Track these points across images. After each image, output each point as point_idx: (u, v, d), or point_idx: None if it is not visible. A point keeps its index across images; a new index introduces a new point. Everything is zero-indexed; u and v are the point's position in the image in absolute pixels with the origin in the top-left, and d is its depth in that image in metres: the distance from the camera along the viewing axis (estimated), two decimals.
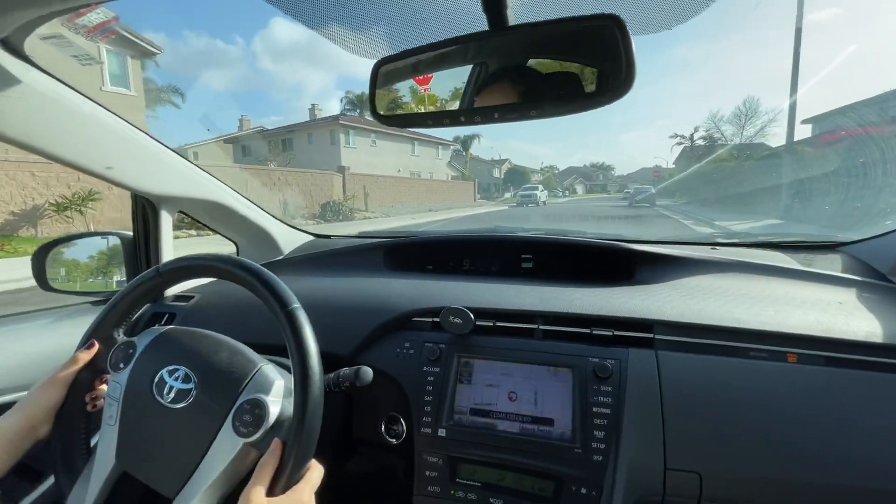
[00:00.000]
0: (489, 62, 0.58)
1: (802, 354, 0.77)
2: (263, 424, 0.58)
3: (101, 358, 0.69)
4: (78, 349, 0.70)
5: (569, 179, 63.11)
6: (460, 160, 43.43)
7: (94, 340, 0.70)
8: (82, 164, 0.87)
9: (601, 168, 72.42)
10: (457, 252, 1.30)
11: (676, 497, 0.73)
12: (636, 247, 1.12)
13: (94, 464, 0.64)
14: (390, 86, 0.65)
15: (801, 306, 0.87)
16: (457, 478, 0.79)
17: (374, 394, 0.90)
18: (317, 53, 76.63)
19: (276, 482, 0.54)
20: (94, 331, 0.71)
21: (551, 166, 66.74)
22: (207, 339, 0.69)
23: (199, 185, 1.18)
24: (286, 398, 0.63)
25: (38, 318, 1.05)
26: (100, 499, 0.63)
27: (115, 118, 0.91)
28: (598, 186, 65.97)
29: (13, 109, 0.74)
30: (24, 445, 0.63)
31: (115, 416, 0.65)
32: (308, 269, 1.32)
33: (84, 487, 0.63)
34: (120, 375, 0.67)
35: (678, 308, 0.86)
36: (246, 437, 0.58)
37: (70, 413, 0.67)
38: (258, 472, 0.54)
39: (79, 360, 0.68)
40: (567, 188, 57.20)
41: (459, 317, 0.85)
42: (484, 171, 46.71)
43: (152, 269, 0.71)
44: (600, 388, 0.77)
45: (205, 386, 0.63)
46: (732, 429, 0.72)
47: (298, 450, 0.55)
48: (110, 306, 0.72)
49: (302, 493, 0.55)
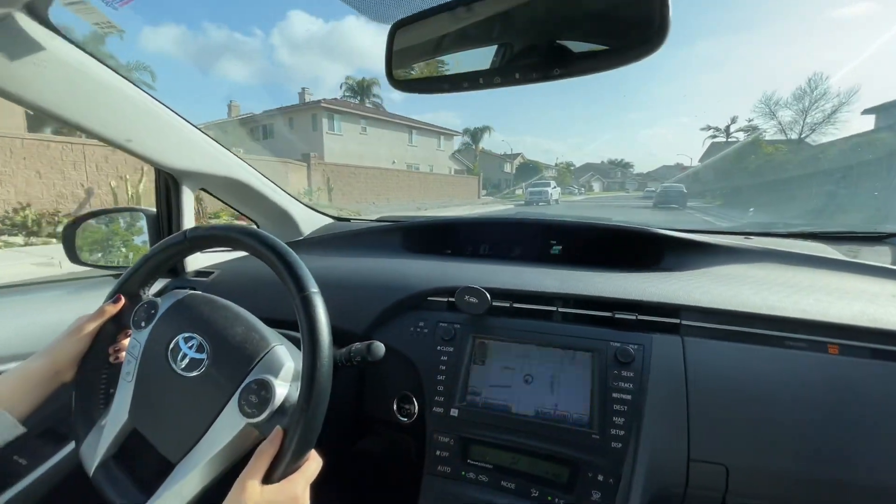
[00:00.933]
0: (509, 19, 0.54)
1: (845, 346, 0.71)
2: (268, 407, 0.57)
3: (125, 313, 0.71)
4: (105, 303, 0.71)
5: (585, 176, 61.04)
6: (469, 153, 41.92)
7: (121, 295, 0.71)
8: (105, 135, 0.89)
9: (619, 165, 69.79)
10: (476, 235, 1.28)
11: (700, 490, 0.69)
12: (664, 231, 1.07)
13: (109, 416, 0.66)
14: (407, 50, 0.63)
15: (844, 296, 0.81)
16: (468, 459, 0.77)
17: (386, 372, 0.89)
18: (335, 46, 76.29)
19: (272, 470, 0.53)
20: (122, 287, 0.72)
21: (567, 162, 64.28)
22: (226, 311, 0.69)
23: (221, 162, 1.19)
24: (294, 382, 0.62)
25: (61, 287, 1.08)
26: (111, 449, 0.64)
27: (138, 90, 0.92)
28: (615, 184, 63.87)
29: (37, 77, 0.75)
30: (49, 388, 0.65)
31: (132, 373, 0.66)
32: (326, 249, 1.32)
33: (97, 438, 0.65)
34: (140, 333, 0.68)
35: (708, 294, 0.81)
36: (249, 418, 0.57)
37: (92, 363, 0.69)
38: (256, 458, 0.53)
39: (105, 313, 0.70)
40: (583, 185, 55.31)
41: (475, 296, 0.83)
42: (495, 165, 44.70)
43: (180, 233, 0.71)
44: (621, 373, 0.73)
45: (217, 358, 0.63)
46: (765, 421, 0.67)
47: (298, 440, 0.54)
48: (139, 265, 0.73)
49: (296, 485, 0.54)
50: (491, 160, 44.57)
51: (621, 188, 61.61)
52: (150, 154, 1.01)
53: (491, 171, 42.37)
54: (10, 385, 0.62)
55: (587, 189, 55.04)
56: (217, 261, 1.28)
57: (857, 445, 0.65)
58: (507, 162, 46.60)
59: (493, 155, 45.60)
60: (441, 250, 1.28)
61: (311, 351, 0.56)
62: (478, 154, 42.65)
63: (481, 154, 43.43)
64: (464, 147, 42.38)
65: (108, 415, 0.66)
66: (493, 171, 43.44)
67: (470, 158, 40.87)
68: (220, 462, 0.59)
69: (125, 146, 0.94)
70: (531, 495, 0.72)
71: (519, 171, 46.74)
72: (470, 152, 41.89)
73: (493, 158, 45.16)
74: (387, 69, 0.64)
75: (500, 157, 46.10)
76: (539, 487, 0.72)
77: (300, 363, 0.63)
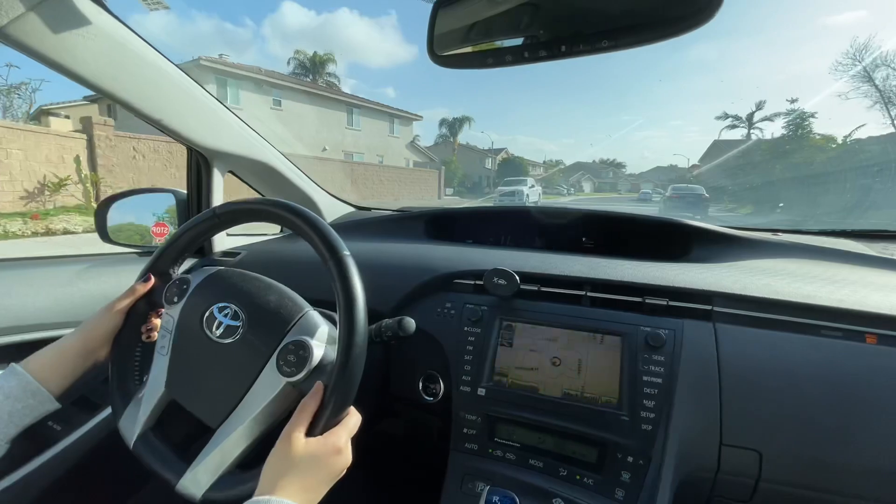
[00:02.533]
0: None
1: (883, 335, 0.69)
2: (307, 365, 0.58)
3: (156, 292, 0.72)
4: (136, 282, 0.73)
5: (575, 175, 58.03)
6: (446, 147, 37.86)
7: (151, 274, 0.73)
8: (143, 110, 0.91)
9: (612, 165, 67.03)
10: (500, 224, 1.28)
11: (732, 475, 0.68)
12: (693, 223, 1.06)
13: (146, 390, 0.67)
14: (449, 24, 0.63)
15: (881, 289, 0.80)
16: (495, 437, 0.78)
17: (412, 352, 0.89)
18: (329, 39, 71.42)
19: (315, 424, 0.55)
20: (153, 266, 0.74)
21: (557, 161, 61.78)
22: (258, 281, 0.71)
23: (251, 144, 1.20)
24: (329, 344, 0.63)
25: (84, 262, 1.10)
26: (150, 422, 0.66)
27: (176, 69, 0.94)
28: (607, 185, 61.72)
29: (84, 49, 0.77)
30: (84, 364, 0.67)
31: (167, 346, 0.67)
32: (351, 234, 1.33)
33: (135, 411, 0.66)
34: (173, 309, 0.69)
35: (740, 282, 0.80)
36: (289, 377, 0.59)
37: (126, 340, 0.71)
38: (299, 412, 0.55)
39: (136, 291, 0.71)
40: (573, 185, 52.65)
41: (504, 278, 0.83)
42: (475, 161, 40.27)
43: (209, 210, 0.72)
44: (652, 357, 0.73)
45: (252, 324, 0.64)
46: (800, 408, 0.66)
47: (339, 394, 0.55)
48: (169, 242, 0.74)
49: (339, 437, 0.55)
50: (471, 155, 40.81)
51: (613, 189, 60.14)
52: (184, 131, 1.03)
53: (471, 167, 38.66)
54: (45, 362, 0.64)
55: (577, 189, 52.75)
56: (243, 243, 1.30)
57: (894, 434, 0.63)
58: (489, 157, 42.46)
59: (472, 149, 41.99)
60: (464, 239, 1.28)
61: (347, 307, 0.57)
62: (455, 148, 38.95)
63: (460, 148, 39.79)
64: (441, 140, 38.90)
65: (146, 388, 0.67)
66: (474, 167, 39.61)
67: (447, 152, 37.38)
68: (261, 423, 0.60)
69: (161, 122, 0.96)
70: (559, 474, 0.72)
71: (502, 168, 42.70)
72: (447, 146, 38.30)
73: (472, 153, 41.39)
74: (428, 45, 0.64)
75: (480, 152, 42.10)
76: (567, 467, 0.72)
77: (334, 330, 0.64)
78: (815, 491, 0.67)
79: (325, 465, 0.53)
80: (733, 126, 29.39)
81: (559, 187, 46.76)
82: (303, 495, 0.51)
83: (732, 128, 29.33)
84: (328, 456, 0.53)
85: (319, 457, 0.53)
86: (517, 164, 44.37)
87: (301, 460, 0.52)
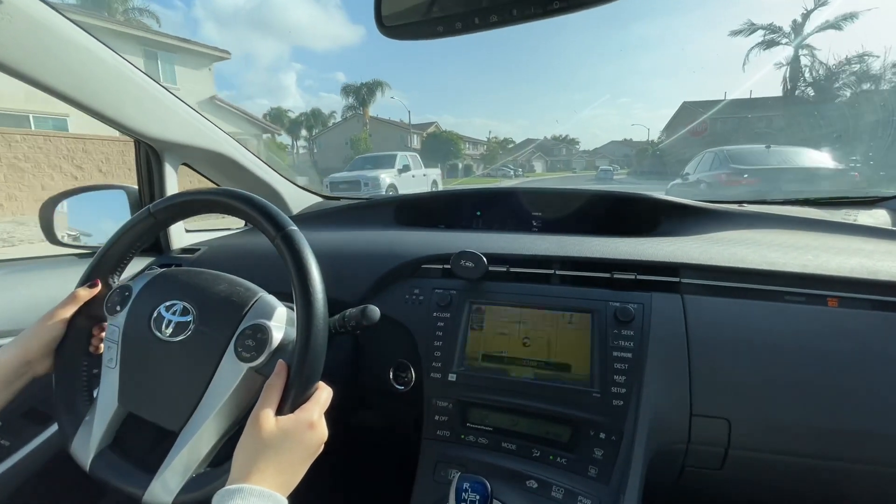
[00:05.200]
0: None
1: (844, 298, 0.70)
2: (266, 348, 0.56)
3: (96, 304, 0.67)
4: (78, 287, 0.67)
5: (525, 154, 51.37)
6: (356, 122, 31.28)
7: (98, 280, 0.68)
8: (78, 99, 0.84)
9: (564, 141, 60.79)
10: (470, 207, 1.25)
11: (703, 444, 0.68)
12: (660, 197, 1.06)
13: (98, 407, 0.63)
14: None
15: (841, 253, 0.81)
16: (468, 422, 0.76)
17: (382, 341, 0.87)
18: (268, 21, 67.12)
19: (284, 402, 0.52)
20: (89, 276, 0.68)
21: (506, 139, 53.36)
22: (205, 275, 0.67)
23: (205, 134, 1.14)
24: (289, 325, 0.61)
25: (26, 265, 1.03)
26: (104, 441, 0.61)
27: (112, 53, 0.87)
28: (560, 163, 56.49)
29: (3, 33, 0.70)
30: (19, 382, 0.61)
31: (115, 358, 0.63)
32: (316, 225, 1.29)
33: (87, 431, 0.62)
34: (117, 318, 0.64)
35: (707, 253, 0.80)
36: (249, 362, 0.56)
37: (69, 351, 0.65)
38: (265, 393, 0.52)
39: (79, 297, 0.66)
40: (521, 165, 45.87)
41: (471, 261, 0.81)
42: (394, 137, 32.70)
43: (144, 210, 0.67)
44: (621, 331, 0.72)
45: (204, 316, 0.61)
46: (766, 374, 0.67)
47: (304, 369, 0.53)
48: (103, 251, 0.69)
49: (311, 412, 0.52)
50: (387, 130, 33.45)
51: (567, 167, 54.60)
52: (126, 121, 0.96)
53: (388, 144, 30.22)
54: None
55: (526, 170, 45.92)
56: (203, 238, 1.24)
57: (857, 394, 0.65)
58: (414, 134, 34.96)
59: (390, 124, 34.35)
60: (434, 223, 1.25)
61: (301, 281, 0.54)
62: (367, 121, 31.89)
63: (373, 122, 32.77)
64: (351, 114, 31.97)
65: (97, 406, 0.63)
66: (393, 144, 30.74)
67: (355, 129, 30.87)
68: (228, 416, 0.57)
69: (103, 112, 0.89)
70: (532, 455, 0.71)
71: (427, 146, 34.36)
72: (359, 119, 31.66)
73: (390, 128, 33.83)
74: (376, 16, 0.61)
75: (400, 127, 34.13)
76: (541, 447, 0.71)
77: (292, 313, 0.61)
78: (782, 454, 0.68)
79: (300, 441, 0.50)
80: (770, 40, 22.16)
81: (506, 168, 39.82)
82: (279, 478, 0.48)
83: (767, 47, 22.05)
84: (302, 432, 0.51)
85: (292, 434, 0.50)
86: (446, 140, 35.86)
87: (273, 440, 0.49)
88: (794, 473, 0.70)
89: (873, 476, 0.67)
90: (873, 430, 0.64)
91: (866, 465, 0.66)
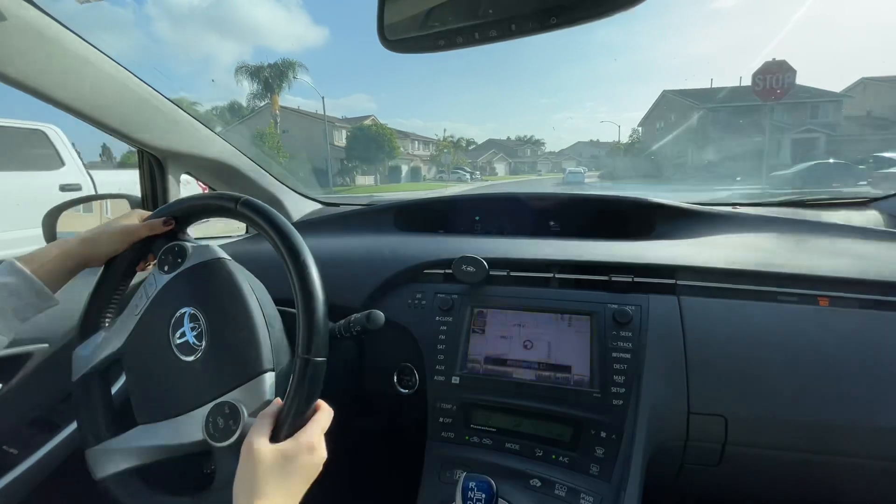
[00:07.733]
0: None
1: (835, 297, 0.72)
2: (229, 439, 0.54)
3: (158, 240, 0.68)
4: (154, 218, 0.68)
5: (485, 155, 46.87)
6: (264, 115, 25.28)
7: (173, 219, 0.68)
8: (82, 110, 0.85)
9: (529, 142, 56.30)
10: (469, 212, 1.27)
11: (701, 441, 0.70)
12: (656, 200, 1.08)
13: (107, 332, 0.67)
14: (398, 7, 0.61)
15: (833, 254, 0.83)
16: (471, 423, 0.78)
17: (385, 345, 0.88)
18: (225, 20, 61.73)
19: (280, 427, 0.50)
20: (167, 215, 0.68)
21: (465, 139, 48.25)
22: (242, 305, 0.61)
23: (208, 144, 1.16)
24: None
25: None
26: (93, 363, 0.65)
27: (117, 66, 0.89)
28: (524, 165, 52.20)
29: (9, 45, 0.71)
30: (78, 270, 0.65)
31: (140, 308, 0.65)
32: (318, 231, 1.30)
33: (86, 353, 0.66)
34: (161, 277, 0.65)
35: (702, 255, 0.82)
36: (210, 440, 0.55)
37: (118, 268, 0.68)
38: (259, 420, 0.51)
39: (153, 228, 0.67)
40: (481, 167, 41.71)
41: (472, 265, 0.83)
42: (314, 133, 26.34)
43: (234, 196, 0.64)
44: (619, 333, 0.74)
45: (207, 359, 0.60)
46: (760, 371, 0.69)
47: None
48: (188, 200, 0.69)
49: (311, 434, 0.50)
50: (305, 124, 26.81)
51: (532, 170, 50.32)
52: (131, 132, 0.98)
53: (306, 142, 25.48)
54: (48, 261, 0.62)
55: (487, 172, 41.44)
56: None
57: (848, 389, 0.67)
58: (342, 129, 28.72)
59: (308, 116, 27.32)
60: (434, 228, 1.27)
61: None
62: (276, 112, 25.24)
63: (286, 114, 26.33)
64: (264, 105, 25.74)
65: (109, 330, 0.67)
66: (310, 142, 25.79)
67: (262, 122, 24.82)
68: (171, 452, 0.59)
69: (107, 123, 0.91)
70: (535, 455, 0.73)
71: (354, 143, 27.83)
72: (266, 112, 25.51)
73: (307, 121, 26.90)
74: (378, 30, 0.63)
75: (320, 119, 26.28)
76: (543, 447, 0.73)
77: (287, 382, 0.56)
78: (777, 449, 0.70)
79: (301, 465, 0.49)
80: None
81: (460, 171, 34.02)
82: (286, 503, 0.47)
83: None
84: (302, 455, 0.49)
85: (293, 458, 0.48)
86: (377, 137, 27.55)
87: (274, 468, 0.47)
88: (789, 467, 0.72)
89: (864, 468, 0.69)
90: (863, 423, 0.66)
91: (858, 458, 0.68)
